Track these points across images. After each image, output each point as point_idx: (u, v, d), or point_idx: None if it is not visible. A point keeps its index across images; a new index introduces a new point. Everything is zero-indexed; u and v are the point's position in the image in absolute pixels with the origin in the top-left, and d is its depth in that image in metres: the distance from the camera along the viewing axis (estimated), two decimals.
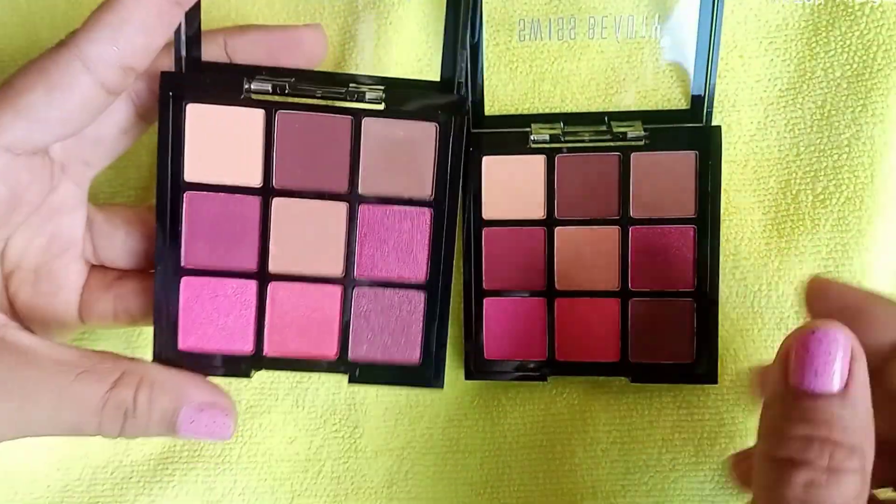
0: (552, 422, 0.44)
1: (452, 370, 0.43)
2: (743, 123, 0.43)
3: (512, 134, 0.41)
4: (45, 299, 0.38)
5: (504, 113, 0.44)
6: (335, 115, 0.38)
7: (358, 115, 0.38)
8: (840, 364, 0.27)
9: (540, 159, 0.41)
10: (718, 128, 0.40)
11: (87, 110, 0.34)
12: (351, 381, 0.39)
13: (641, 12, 0.43)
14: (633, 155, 0.41)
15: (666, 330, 0.41)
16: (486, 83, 0.42)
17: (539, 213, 0.41)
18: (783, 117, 0.43)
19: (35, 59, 0.33)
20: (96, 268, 0.40)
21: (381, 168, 0.39)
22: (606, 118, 0.41)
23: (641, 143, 0.40)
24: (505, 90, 0.44)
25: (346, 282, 0.39)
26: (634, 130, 0.40)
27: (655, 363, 0.41)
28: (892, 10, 0.41)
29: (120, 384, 0.34)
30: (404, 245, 0.39)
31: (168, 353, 0.39)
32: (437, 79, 0.39)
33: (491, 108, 0.43)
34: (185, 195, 0.38)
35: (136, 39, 0.34)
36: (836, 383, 0.27)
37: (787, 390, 0.27)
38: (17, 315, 0.38)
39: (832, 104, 0.42)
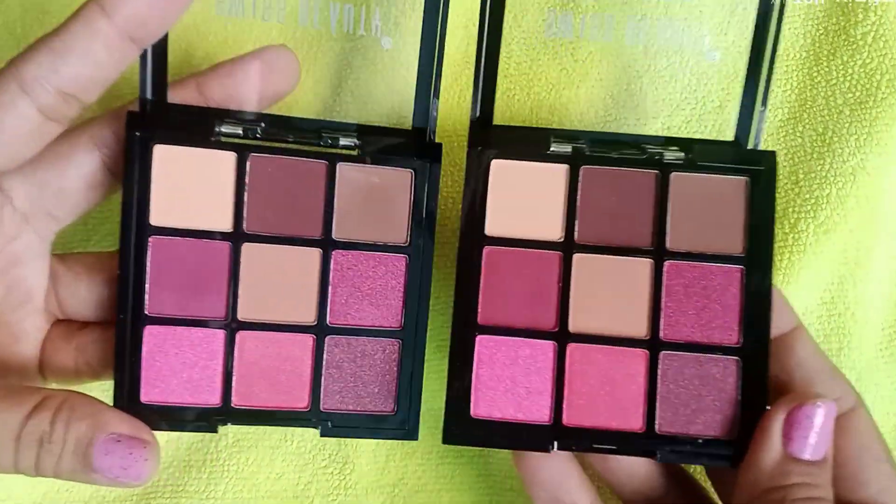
0: None
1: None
2: None
3: (528, 138, 0.36)
4: (1, 350, 0.36)
5: (515, 124, 0.40)
6: (309, 160, 0.37)
7: (333, 159, 0.37)
8: (828, 436, 0.33)
9: (561, 169, 0.36)
10: (773, 152, 0.36)
11: (27, 135, 0.33)
12: (323, 433, 0.38)
13: (695, 24, 0.39)
14: (673, 174, 0.36)
15: (703, 395, 0.35)
16: (498, 90, 0.37)
17: (556, 233, 0.36)
18: (783, 145, 0.42)
19: None
20: (62, 322, 0.38)
21: (355, 213, 0.37)
22: (640, 142, 0.36)
23: (682, 163, 0.35)
24: (516, 102, 0.41)
25: (319, 329, 0.37)
26: (672, 153, 0.36)
27: (689, 437, 0.35)
28: None
29: (39, 409, 0.32)
30: (379, 291, 0.38)
31: (130, 407, 0.36)
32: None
33: (508, 100, 0.39)
34: (150, 240, 0.36)
35: (81, 70, 0.32)
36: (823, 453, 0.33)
37: (785, 457, 0.33)
38: None
39: (834, 131, 0.41)
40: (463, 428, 0.36)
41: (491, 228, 0.37)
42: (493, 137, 0.37)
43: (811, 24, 0.42)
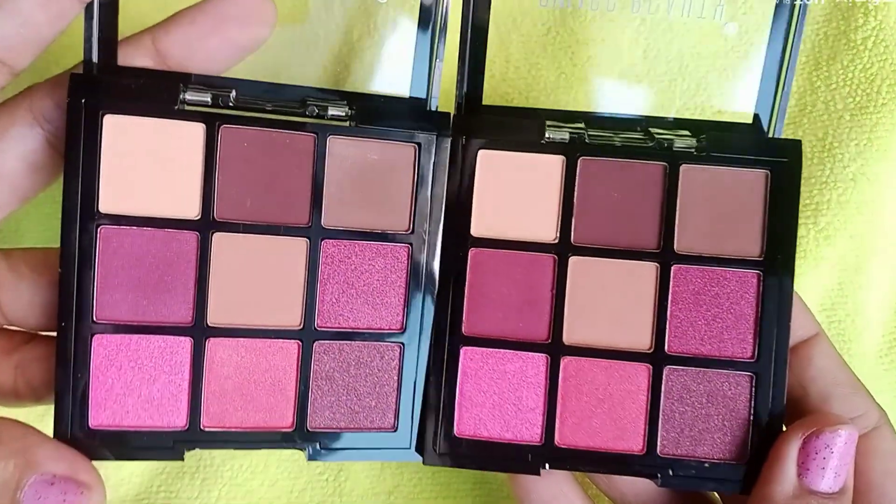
0: None
1: None
2: None
3: (521, 124, 0.33)
4: None
5: (506, 104, 0.38)
6: (294, 133, 0.33)
7: (322, 132, 0.33)
8: (849, 464, 0.32)
9: (556, 161, 0.33)
10: (798, 142, 0.33)
11: None
12: (312, 457, 0.33)
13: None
14: (683, 167, 0.33)
15: (711, 414, 0.33)
16: (495, 94, 0.36)
17: (549, 234, 0.34)
18: None
19: None
20: (5, 332, 0.35)
21: (348, 196, 0.33)
22: (644, 124, 0.34)
23: (692, 152, 0.33)
24: (506, 79, 0.40)
25: (305, 334, 0.33)
26: (683, 140, 0.33)
27: (694, 460, 0.33)
28: None
29: None
30: (376, 288, 0.34)
31: (75, 432, 0.31)
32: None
33: (489, 100, 0.37)
34: (99, 230, 0.32)
35: (8, 28, 0.29)
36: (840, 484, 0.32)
37: (800, 488, 0.32)
38: None
39: (834, 136, 0.41)
40: (446, 448, 0.34)
41: (477, 228, 0.34)
42: (480, 123, 0.34)
43: (811, 28, 0.42)
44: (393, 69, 0.38)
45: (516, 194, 0.34)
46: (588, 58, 0.40)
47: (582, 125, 0.34)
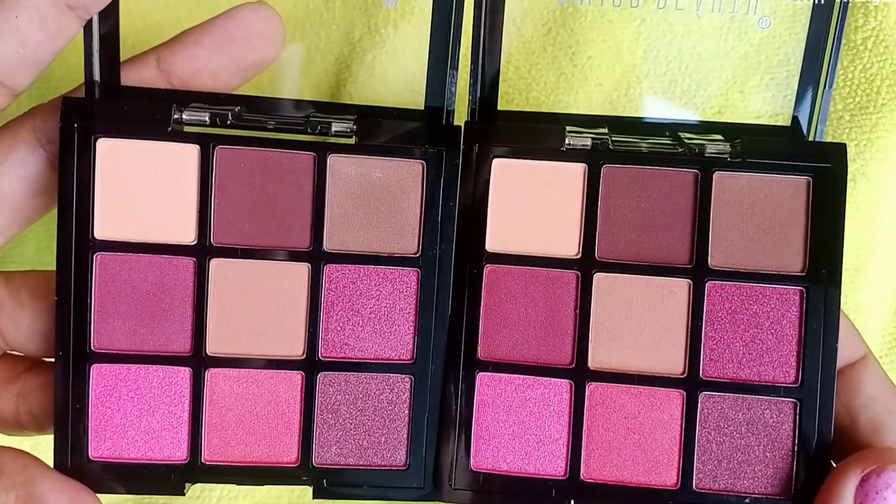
0: None
1: None
2: None
3: (539, 130, 0.32)
4: None
5: (523, 109, 0.36)
6: (292, 152, 0.32)
7: (322, 151, 0.31)
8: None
9: (578, 169, 0.32)
10: (843, 145, 0.32)
11: None
12: (317, 494, 0.32)
13: None
14: (716, 174, 0.31)
15: (752, 444, 0.32)
16: (501, 71, 0.33)
17: (571, 249, 0.32)
18: None
19: None
20: (7, 358, 0.35)
21: (352, 218, 0.32)
22: (673, 129, 0.32)
23: (726, 158, 0.31)
24: (514, 107, 0.38)
25: (309, 365, 0.32)
26: (715, 144, 0.31)
27: (733, 494, 0.32)
28: None
29: None
30: (384, 315, 0.32)
31: (75, 463, 0.31)
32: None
33: (506, 104, 0.37)
34: (95, 257, 0.31)
35: (6, 48, 0.29)
36: None
37: None
38: None
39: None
40: (463, 483, 0.32)
41: (492, 243, 0.32)
42: (494, 130, 0.32)
43: None
44: (405, 80, 0.37)
45: (535, 206, 0.32)
46: (588, 58, 0.39)
47: (605, 130, 0.32)
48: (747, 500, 0.31)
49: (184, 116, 0.31)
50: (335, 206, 0.32)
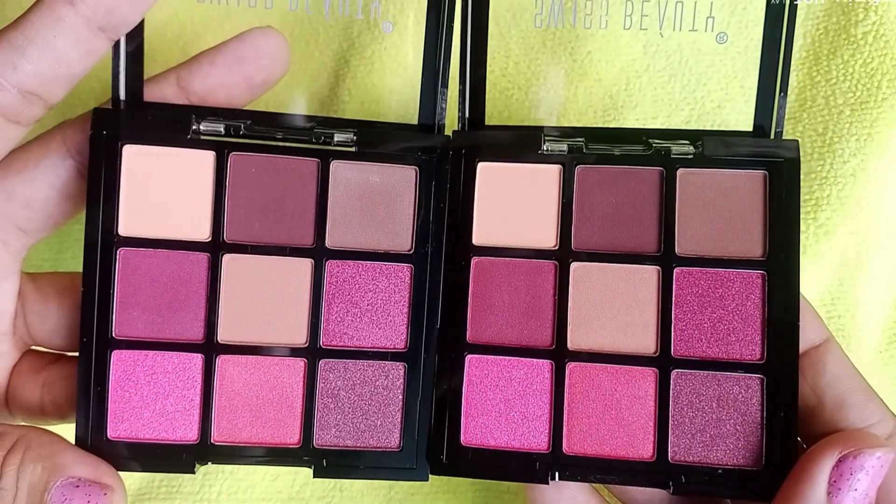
0: None
1: None
2: None
3: (519, 136, 0.34)
4: None
5: (516, 114, 0.38)
6: (298, 158, 0.34)
7: (325, 157, 0.34)
8: (875, 489, 0.31)
9: (554, 170, 0.34)
10: (795, 142, 0.33)
11: None
12: (317, 474, 0.33)
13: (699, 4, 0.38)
14: (680, 171, 0.33)
15: (723, 418, 0.32)
16: (495, 89, 0.35)
17: (549, 241, 0.34)
18: None
19: None
20: (33, 352, 0.36)
21: (352, 218, 0.34)
22: (644, 136, 0.34)
23: (690, 157, 0.33)
24: (514, 102, 0.40)
25: (311, 353, 0.34)
26: (680, 146, 0.33)
27: (706, 466, 0.32)
28: None
29: None
30: (380, 307, 0.34)
31: (95, 443, 0.33)
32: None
33: (489, 95, 0.37)
34: (118, 252, 0.33)
35: (44, 65, 0.30)
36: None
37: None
38: None
39: (834, 131, 0.40)
40: (453, 457, 0.33)
41: (479, 237, 0.34)
42: (480, 138, 0.34)
43: (811, 24, 0.42)
44: (399, 98, 0.39)
45: (516, 203, 0.34)
46: (587, 53, 0.40)
47: (581, 139, 0.34)
48: (720, 472, 0.32)
49: (201, 127, 0.33)
50: (336, 207, 0.34)
